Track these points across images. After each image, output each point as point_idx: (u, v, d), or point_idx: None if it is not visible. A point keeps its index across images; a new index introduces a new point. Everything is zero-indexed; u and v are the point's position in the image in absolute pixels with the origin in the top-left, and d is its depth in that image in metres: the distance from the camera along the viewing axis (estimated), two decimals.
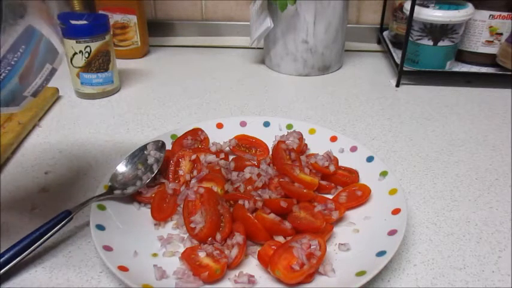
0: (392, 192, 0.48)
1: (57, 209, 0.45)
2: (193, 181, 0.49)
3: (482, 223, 0.49)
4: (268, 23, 0.82)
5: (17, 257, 0.40)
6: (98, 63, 0.74)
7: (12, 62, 0.33)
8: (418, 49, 0.82)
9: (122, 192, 0.48)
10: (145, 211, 0.48)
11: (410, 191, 0.54)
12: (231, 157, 0.56)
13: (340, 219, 0.47)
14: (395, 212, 0.45)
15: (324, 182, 0.52)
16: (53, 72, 0.39)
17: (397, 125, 0.69)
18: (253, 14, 0.86)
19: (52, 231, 0.42)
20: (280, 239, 0.43)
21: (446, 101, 0.77)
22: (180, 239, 0.44)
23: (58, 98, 0.77)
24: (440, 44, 0.80)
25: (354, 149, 0.56)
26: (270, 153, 0.57)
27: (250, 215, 0.43)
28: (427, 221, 0.49)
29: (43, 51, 0.36)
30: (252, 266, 0.42)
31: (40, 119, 0.70)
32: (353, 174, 0.53)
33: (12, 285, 0.40)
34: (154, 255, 0.42)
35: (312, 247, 0.40)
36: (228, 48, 1.02)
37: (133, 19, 0.91)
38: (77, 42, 0.71)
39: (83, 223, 0.48)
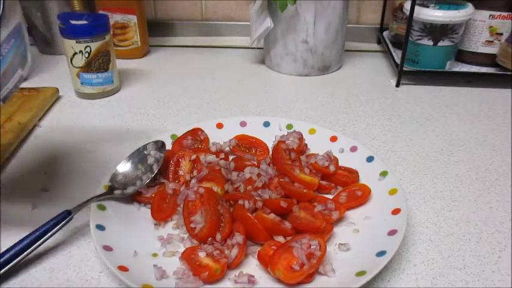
0: (392, 192, 0.48)
1: (57, 209, 0.45)
2: (193, 181, 0.49)
3: (482, 223, 0.49)
4: (268, 23, 0.82)
5: (17, 257, 0.40)
6: (98, 63, 0.74)
7: (3, 53, 0.34)
8: (418, 49, 0.82)
9: (122, 192, 0.48)
10: (145, 211, 0.48)
11: (410, 191, 0.54)
12: (231, 157, 0.56)
13: (340, 219, 0.47)
14: (395, 212, 0.45)
15: (324, 182, 0.52)
16: (21, 80, 0.39)
17: (397, 125, 0.69)
18: (253, 14, 0.86)
19: (52, 231, 0.42)
20: (280, 239, 0.43)
21: (446, 101, 0.77)
22: (180, 239, 0.44)
23: (58, 98, 0.77)
24: (440, 44, 0.80)
25: (354, 149, 0.56)
26: (270, 153, 0.57)
27: (250, 215, 0.44)
28: (427, 221, 0.49)
29: (21, 52, 0.37)
30: (252, 266, 0.42)
31: (40, 119, 0.70)
32: (353, 174, 0.53)
33: (12, 285, 0.40)
34: (154, 255, 0.42)
35: (312, 247, 0.41)
36: (228, 48, 1.02)
37: (133, 19, 0.91)
38: (77, 42, 0.71)
39: (83, 223, 0.48)
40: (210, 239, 0.43)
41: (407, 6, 0.78)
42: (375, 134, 0.66)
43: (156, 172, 0.51)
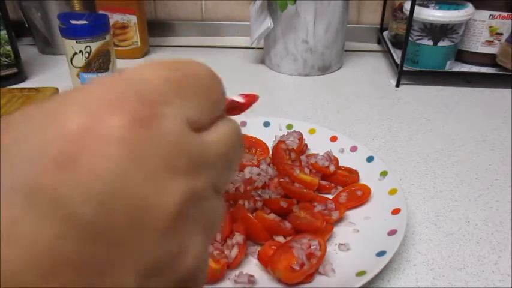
0: (392, 192, 0.48)
1: None
2: None
3: (482, 223, 0.49)
4: (268, 23, 0.82)
5: None
6: (98, 63, 0.74)
7: None
8: (418, 49, 0.82)
9: None
10: None
11: (410, 191, 0.54)
12: None
13: (340, 219, 0.47)
14: (395, 212, 0.45)
15: (324, 182, 0.52)
16: None
17: (397, 125, 0.69)
18: (253, 14, 0.86)
19: None
20: (280, 239, 0.43)
21: (446, 101, 0.77)
22: None
23: None
24: (440, 44, 0.80)
25: (354, 149, 0.56)
26: (270, 153, 0.57)
27: (250, 215, 0.44)
28: (427, 221, 0.49)
29: None
30: (252, 266, 0.42)
31: None
32: (353, 174, 0.53)
33: None
34: None
35: (312, 247, 0.41)
36: (228, 48, 1.02)
37: (133, 19, 0.91)
38: (77, 42, 0.71)
39: None
40: None
41: (407, 6, 0.78)
42: (374, 134, 0.66)
43: None
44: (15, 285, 0.12)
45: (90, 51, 0.72)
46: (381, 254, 0.40)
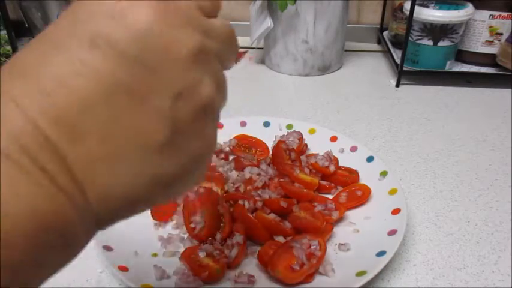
0: (392, 192, 0.48)
1: None
2: None
3: (482, 223, 0.49)
4: (268, 23, 0.82)
5: None
6: None
7: None
8: (418, 49, 0.82)
9: None
10: (146, 211, 0.48)
11: (410, 191, 0.54)
12: (231, 157, 0.56)
13: (340, 219, 0.47)
14: (395, 212, 0.45)
15: (324, 182, 0.52)
16: None
17: (397, 125, 0.69)
18: (253, 14, 0.86)
19: None
20: (280, 239, 0.43)
21: (446, 101, 0.77)
22: (180, 239, 0.44)
23: None
24: (440, 44, 0.80)
25: (354, 149, 0.56)
26: (270, 153, 0.57)
27: (250, 215, 0.44)
28: (427, 221, 0.49)
29: None
30: (252, 266, 0.42)
31: None
32: (353, 174, 0.53)
33: None
34: (155, 255, 0.42)
35: (312, 247, 0.41)
36: None
37: None
38: None
39: None
40: (210, 239, 0.43)
41: (407, 6, 0.78)
42: (374, 134, 0.66)
43: None
44: (86, 106, 0.16)
45: None
46: (380, 254, 0.40)
